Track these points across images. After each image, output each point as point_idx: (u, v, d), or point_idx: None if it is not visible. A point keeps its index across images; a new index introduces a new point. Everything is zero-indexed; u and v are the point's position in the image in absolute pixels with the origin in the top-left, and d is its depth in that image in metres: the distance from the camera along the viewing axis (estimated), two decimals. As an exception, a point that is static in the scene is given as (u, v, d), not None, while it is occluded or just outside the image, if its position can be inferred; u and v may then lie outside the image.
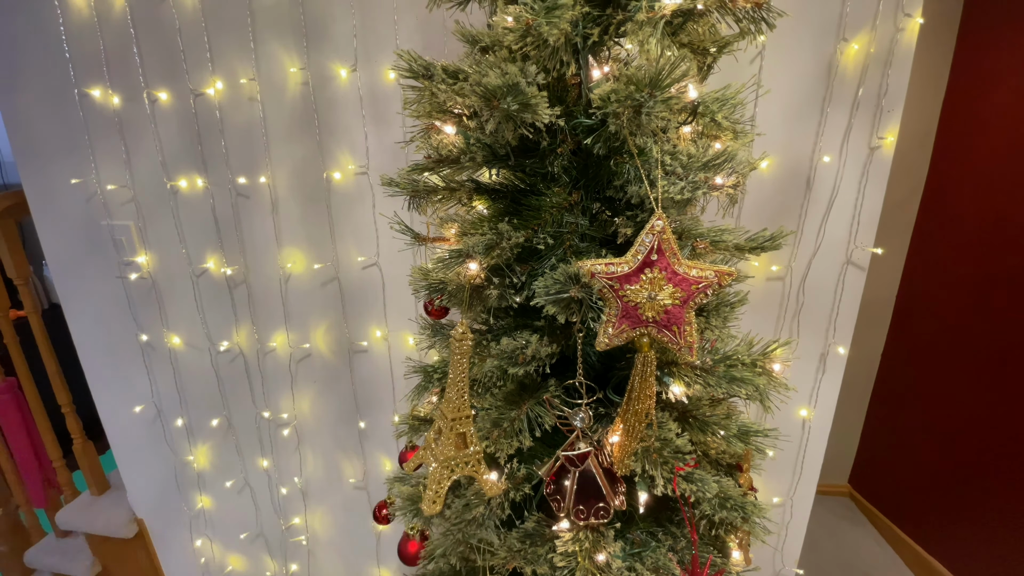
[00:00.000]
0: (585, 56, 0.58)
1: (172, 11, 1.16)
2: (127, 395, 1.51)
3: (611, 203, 0.67)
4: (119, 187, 1.31)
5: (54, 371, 1.56)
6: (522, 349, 0.68)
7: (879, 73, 1.03)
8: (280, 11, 1.14)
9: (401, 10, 1.10)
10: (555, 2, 0.51)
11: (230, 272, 1.35)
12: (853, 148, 1.09)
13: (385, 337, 1.36)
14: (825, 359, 1.24)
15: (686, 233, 0.67)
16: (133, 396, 1.51)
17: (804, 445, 1.31)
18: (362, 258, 1.30)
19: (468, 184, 0.74)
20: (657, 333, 0.58)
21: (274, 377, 1.45)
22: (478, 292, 0.72)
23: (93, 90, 1.24)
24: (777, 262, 1.19)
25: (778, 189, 1.14)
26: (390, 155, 1.20)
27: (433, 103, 0.60)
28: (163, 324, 1.43)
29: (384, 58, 1.14)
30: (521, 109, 0.52)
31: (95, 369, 1.51)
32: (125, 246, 1.36)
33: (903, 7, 0.99)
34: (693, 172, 0.54)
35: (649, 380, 0.60)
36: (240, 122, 1.23)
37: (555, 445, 0.70)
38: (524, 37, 0.52)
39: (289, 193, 1.27)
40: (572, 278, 0.59)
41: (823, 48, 1.04)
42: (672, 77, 0.46)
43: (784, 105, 1.08)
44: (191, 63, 1.19)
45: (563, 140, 0.63)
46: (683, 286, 0.55)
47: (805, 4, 1.01)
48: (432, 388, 0.87)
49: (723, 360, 0.65)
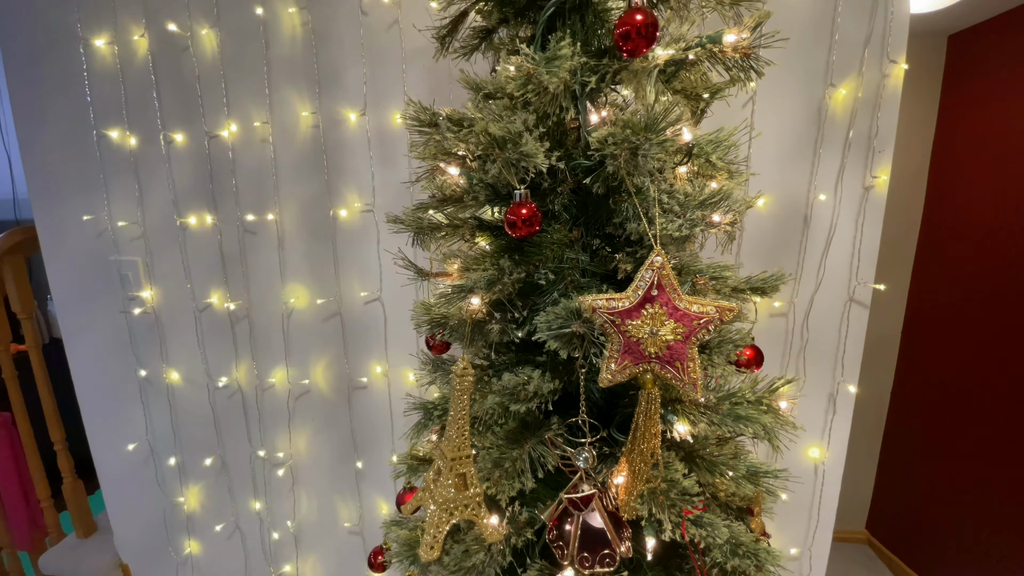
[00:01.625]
0: (583, 102, 0.60)
1: (193, 59, 1.23)
2: (121, 432, 1.48)
3: (611, 239, 0.68)
4: (130, 223, 1.34)
5: (50, 406, 1.54)
6: (524, 385, 0.67)
7: (868, 116, 1.07)
8: (295, 60, 1.20)
9: (409, 59, 1.16)
10: (555, 53, 0.54)
11: (233, 307, 1.36)
12: (847, 187, 1.11)
13: (385, 373, 1.35)
14: (834, 398, 1.21)
15: (686, 269, 0.67)
16: (127, 433, 1.48)
17: (818, 488, 1.26)
18: (365, 293, 1.31)
19: (471, 221, 0.75)
20: (660, 369, 0.57)
21: (272, 414, 1.42)
22: (480, 327, 0.71)
23: (111, 131, 1.29)
24: (779, 298, 1.19)
25: (776, 226, 1.16)
26: (395, 194, 1.24)
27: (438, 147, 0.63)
28: (163, 359, 1.42)
29: (392, 103, 1.19)
30: (521, 157, 0.54)
31: (91, 405, 1.49)
32: (131, 281, 1.37)
33: (888, 54, 1.04)
34: (690, 210, 0.55)
35: (654, 418, 0.59)
36: (251, 162, 1.27)
37: (558, 487, 0.67)
38: (525, 85, 0.55)
39: (295, 230, 1.30)
40: (574, 313, 0.59)
41: (812, 93, 1.09)
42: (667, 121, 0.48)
43: (777, 146, 1.12)
44: (208, 107, 1.25)
45: (563, 180, 0.65)
46: (684, 321, 0.55)
47: (793, 52, 1.06)
48: (432, 426, 0.85)
49: (727, 397, 0.64)
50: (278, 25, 1.19)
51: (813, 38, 1.06)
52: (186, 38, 1.22)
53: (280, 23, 1.19)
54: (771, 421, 0.63)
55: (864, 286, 1.15)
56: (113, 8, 1.22)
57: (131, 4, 1.22)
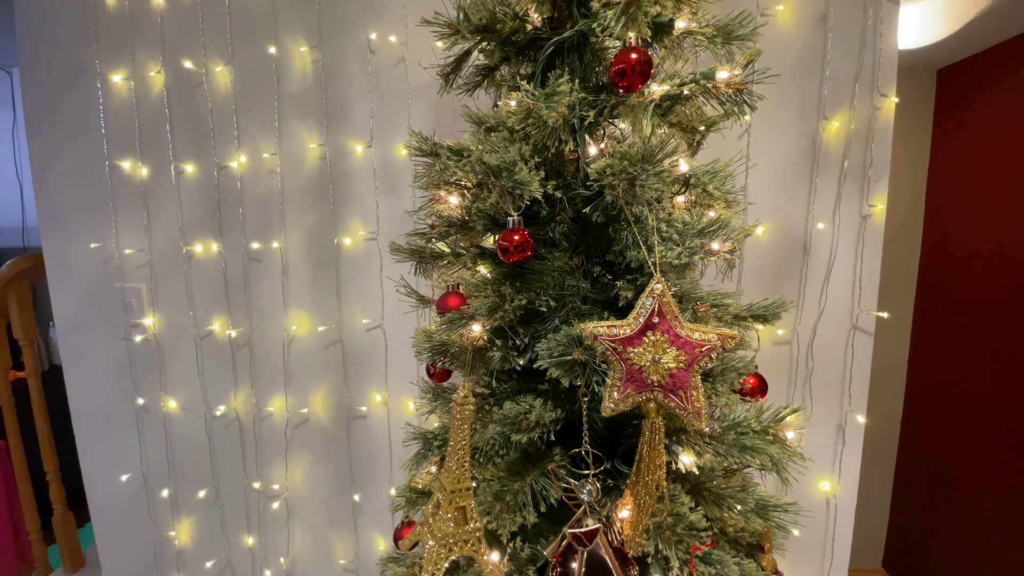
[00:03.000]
0: (582, 135, 0.62)
1: (206, 94, 1.27)
2: (115, 462, 1.46)
3: (611, 267, 0.68)
4: (136, 251, 1.36)
5: (45, 436, 1.52)
6: (525, 414, 0.66)
7: (862, 147, 1.10)
8: (305, 95, 1.25)
9: (414, 95, 1.20)
10: (553, 89, 0.56)
11: (234, 334, 1.36)
12: (845, 215, 1.13)
13: (385, 402, 1.33)
14: (843, 428, 1.19)
15: (686, 297, 0.68)
16: (121, 464, 1.45)
17: (831, 523, 1.22)
18: (366, 320, 1.31)
19: (472, 249, 0.76)
20: (663, 398, 0.56)
21: (269, 444, 1.40)
22: (481, 354, 0.71)
23: (123, 162, 1.33)
24: (782, 326, 1.18)
25: (776, 254, 1.17)
26: (399, 222, 1.26)
27: (439, 176, 0.64)
28: (161, 387, 1.41)
29: (398, 135, 1.23)
30: (516, 185, 0.56)
31: (87, 433, 1.47)
32: (134, 308, 1.38)
33: (878, 88, 1.08)
34: (689, 238, 0.56)
35: (658, 448, 0.57)
36: (259, 191, 1.30)
37: (561, 521, 0.65)
38: (526, 119, 0.57)
39: (299, 258, 1.31)
40: (575, 340, 0.59)
41: (806, 125, 1.12)
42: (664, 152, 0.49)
43: (774, 176, 1.14)
44: (219, 140, 1.29)
45: (562, 209, 0.66)
46: (687, 349, 0.54)
47: (785, 86, 1.10)
48: (432, 456, 0.84)
49: (733, 427, 0.63)
50: (290, 63, 1.24)
51: (804, 73, 1.10)
52: (201, 75, 1.27)
53: (292, 61, 1.24)
54: (778, 452, 0.62)
55: (867, 314, 1.14)
56: (131, 46, 1.28)
57: (149, 42, 1.28)
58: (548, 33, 0.65)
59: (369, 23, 1.20)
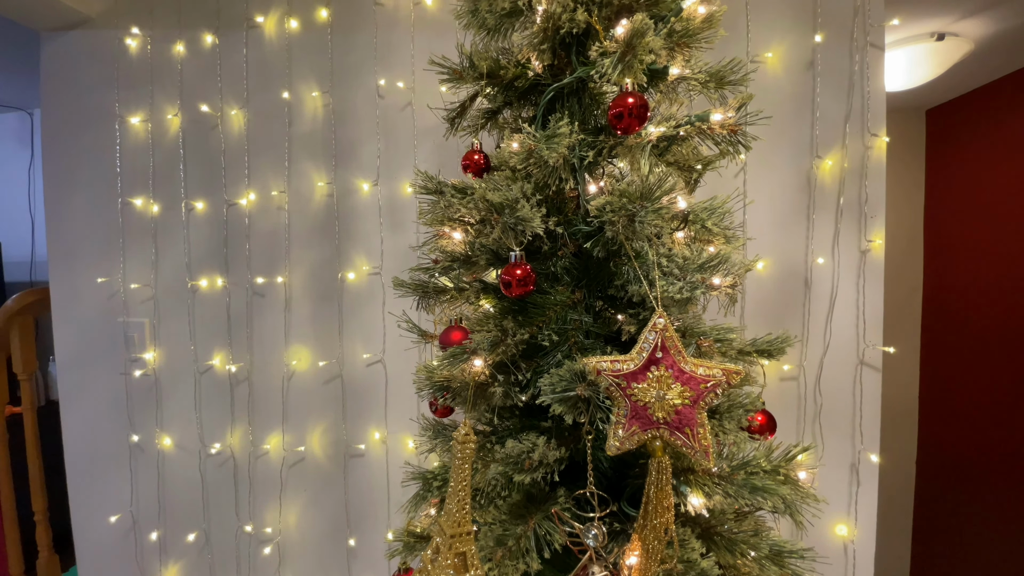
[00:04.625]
0: (582, 174, 0.64)
1: (220, 136, 1.33)
2: (105, 502, 1.41)
3: (613, 301, 0.68)
4: (142, 286, 1.37)
5: (36, 474, 1.48)
6: (528, 453, 0.64)
7: (856, 184, 1.12)
8: (315, 137, 1.30)
9: (421, 136, 1.25)
10: (554, 131, 0.58)
11: (234, 369, 1.34)
12: (844, 251, 1.14)
13: (384, 440, 1.30)
14: (856, 468, 1.15)
15: (689, 331, 0.67)
16: (111, 504, 1.41)
17: (850, 570, 1.15)
18: (367, 355, 1.30)
19: (475, 284, 0.77)
20: (670, 436, 0.55)
21: (263, 484, 1.36)
22: (482, 390, 0.70)
23: (136, 199, 1.36)
24: (788, 362, 1.17)
25: (778, 289, 1.17)
26: (402, 258, 1.27)
27: (444, 213, 0.66)
28: (157, 424, 1.38)
29: (404, 174, 1.27)
30: (518, 222, 0.57)
31: (78, 471, 1.43)
32: (136, 343, 1.37)
33: (868, 128, 1.11)
34: (690, 273, 0.56)
35: (666, 489, 0.56)
36: (266, 227, 1.32)
37: (566, 568, 0.62)
38: (527, 159, 0.59)
39: (303, 292, 1.32)
40: (578, 375, 0.58)
41: (800, 164, 1.15)
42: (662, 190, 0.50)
43: (772, 212, 1.16)
44: (230, 178, 1.33)
45: (564, 244, 0.67)
46: (691, 385, 0.54)
47: (778, 127, 1.14)
48: (431, 498, 0.81)
49: (742, 466, 0.61)
50: (302, 106, 1.30)
51: (795, 115, 1.14)
52: (216, 117, 1.33)
53: (304, 105, 1.30)
54: (790, 493, 0.60)
55: (873, 348, 1.13)
56: (151, 91, 1.35)
57: (168, 87, 1.34)
58: (548, 79, 0.68)
59: (379, 70, 1.26)
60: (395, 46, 1.25)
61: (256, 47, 1.31)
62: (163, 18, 1.34)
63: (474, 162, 0.74)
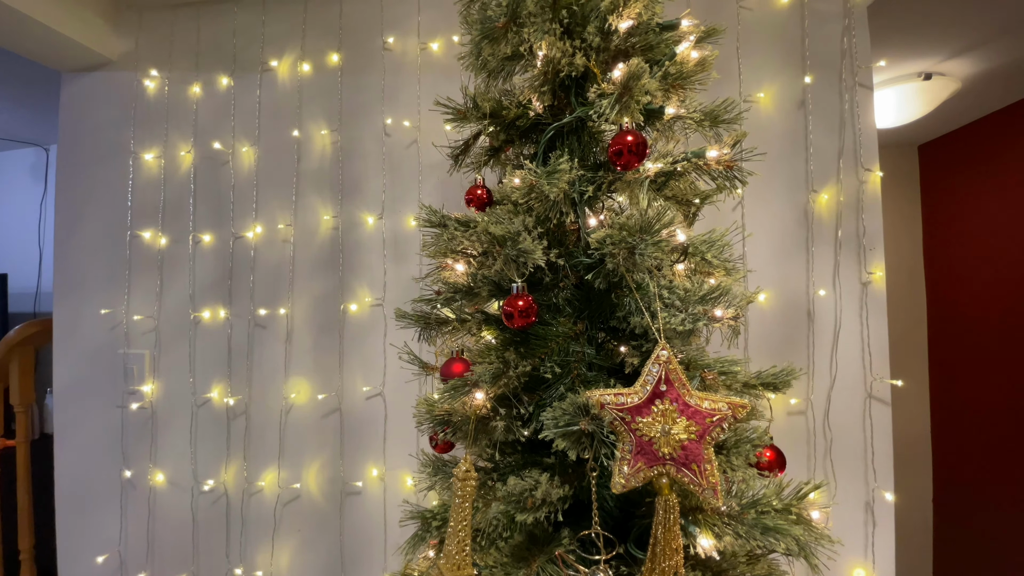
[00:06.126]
0: (582, 207, 0.65)
1: (231, 171, 1.36)
2: (93, 541, 1.36)
3: (616, 333, 0.68)
4: (145, 317, 1.38)
5: (25, 511, 1.43)
6: (531, 491, 0.62)
7: (853, 217, 1.14)
8: (322, 172, 1.33)
9: (425, 172, 1.28)
10: (554, 167, 0.60)
11: (232, 402, 1.33)
12: (845, 282, 1.14)
13: (382, 477, 1.26)
14: (871, 507, 1.11)
15: (693, 364, 0.67)
16: (99, 543, 1.35)
17: (870, 621, 1.09)
18: (367, 388, 1.29)
19: (477, 315, 0.77)
20: (676, 472, 0.53)
21: (256, 523, 1.31)
22: (484, 424, 0.69)
23: (144, 232, 1.39)
24: (795, 395, 1.15)
25: (781, 322, 1.16)
26: (405, 290, 1.28)
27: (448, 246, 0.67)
28: (150, 459, 1.35)
29: (408, 208, 1.29)
30: (520, 254, 0.58)
31: (68, 507, 1.39)
32: (135, 375, 1.36)
33: (862, 163, 1.14)
34: (692, 305, 0.56)
35: (674, 529, 0.53)
36: (271, 260, 1.34)
37: (570, 615, 0.59)
38: (528, 194, 0.61)
39: (304, 324, 1.32)
40: (581, 409, 0.57)
41: (797, 197, 1.17)
42: (661, 224, 0.51)
43: (771, 245, 1.17)
44: (238, 212, 1.36)
45: (565, 275, 0.67)
46: (697, 419, 0.53)
47: (774, 162, 1.17)
48: (430, 539, 0.78)
49: (752, 505, 0.59)
50: (311, 144, 1.34)
51: (790, 150, 1.17)
52: (227, 154, 1.37)
53: (312, 142, 1.34)
54: (803, 534, 0.57)
55: (881, 382, 1.11)
56: (166, 129, 1.40)
57: (183, 126, 1.40)
58: (549, 119, 0.71)
59: (386, 110, 1.31)
60: (402, 88, 1.30)
61: (269, 89, 1.36)
62: (181, 61, 1.41)
63: (477, 196, 0.76)
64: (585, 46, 0.66)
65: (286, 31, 1.36)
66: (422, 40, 1.30)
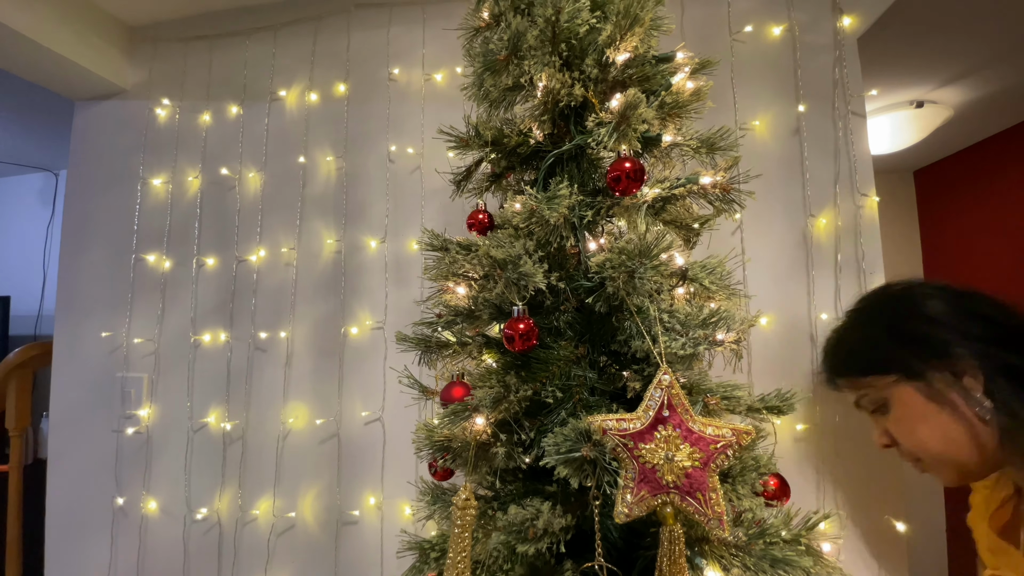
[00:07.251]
0: (582, 232, 0.66)
1: (236, 196, 1.39)
2: (82, 571, 1.32)
3: (617, 357, 0.68)
4: (145, 340, 1.38)
5: (14, 538, 1.40)
6: (532, 520, 0.60)
7: (852, 241, 1.15)
8: (327, 197, 1.35)
9: (428, 197, 1.30)
10: (554, 192, 0.61)
11: (229, 427, 1.31)
12: (847, 306, 1.13)
13: (379, 505, 1.23)
14: (883, 538, 1.07)
15: (696, 388, 0.66)
16: (88, 572, 1.31)
17: (888, 661, 1.04)
18: (366, 412, 1.27)
19: (478, 338, 0.77)
20: (680, 501, 0.52)
21: (249, 554, 1.27)
22: (484, 451, 0.68)
23: (149, 255, 1.40)
24: (801, 421, 1.13)
25: (784, 345, 1.16)
26: (406, 313, 1.28)
27: (449, 269, 0.67)
28: (144, 486, 1.33)
29: (410, 232, 1.31)
30: (521, 277, 0.59)
31: (58, 534, 1.35)
32: (132, 399, 1.35)
33: (858, 188, 1.15)
34: (692, 329, 0.56)
35: (679, 562, 0.52)
36: (273, 283, 1.35)
37: (573, 654, 0.57)
38: (529, 218, 0.62)
39: (304, 347, 1.32)
40: (583, 435, 0.56)
41: (795, 222, 1.18)
42: (659, 248, 0.52)
43: (771, 270, 1.17)
44: (242, 235, 1.37)
45: (566, 299, 0.68)
46: (701, 445, 0.52)
47: (771, 187, 1.18)
48: (428, 571, 0.75)
49: (760, 536, 0.57)
50: (316, 170, 1.37)
51: (786, 177, 1.19)
52: (234, 179, 1.40)
53: (318, 168, 1.37)
54: (812, 565, 0.56)
55: (887, 407, 1.10)
56: (175, 156, 1.43)
57: (191, 152, 1.43)
58: (549, 146, 0.73)
59: (390, 137, 1.34)
60: (407, 116, 1.34)
61: (277, 117, 1.40)
62: (193, 90, 1.45)
63: (478, 221, 0.77)
64: (584, 77, 0.68)
65: (295, 62, 1.41)
66: (426, 71, 1.34)
